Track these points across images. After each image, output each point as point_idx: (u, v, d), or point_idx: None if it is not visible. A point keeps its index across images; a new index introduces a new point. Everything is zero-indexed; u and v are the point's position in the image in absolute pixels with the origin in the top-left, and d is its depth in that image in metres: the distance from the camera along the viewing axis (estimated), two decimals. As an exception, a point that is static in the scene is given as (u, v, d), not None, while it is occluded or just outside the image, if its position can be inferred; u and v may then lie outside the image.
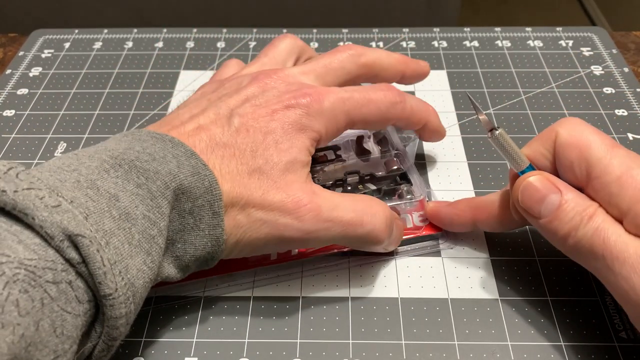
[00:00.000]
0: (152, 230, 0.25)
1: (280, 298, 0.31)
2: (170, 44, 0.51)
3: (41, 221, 0.22)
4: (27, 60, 0.50)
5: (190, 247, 0.26)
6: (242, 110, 0.29)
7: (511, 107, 0.43)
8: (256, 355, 0.29)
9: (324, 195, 0.28)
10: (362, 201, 0.29)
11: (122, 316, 0.23)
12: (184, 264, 0.27)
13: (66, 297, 0.22)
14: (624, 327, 0.29)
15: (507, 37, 0.51)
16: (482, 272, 0.32)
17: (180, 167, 0.26)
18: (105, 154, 0.26)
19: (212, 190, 0.26)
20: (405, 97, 0.33)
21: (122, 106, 0.44)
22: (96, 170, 0.25)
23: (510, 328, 0.30)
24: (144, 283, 0.24)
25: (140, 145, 0.26)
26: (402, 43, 0.50)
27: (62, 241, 0.22)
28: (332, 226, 0.28)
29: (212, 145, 0.28)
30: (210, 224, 0.26)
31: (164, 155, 0.26)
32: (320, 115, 0.30)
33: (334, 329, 0.30)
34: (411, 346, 0.29)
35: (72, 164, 0.25)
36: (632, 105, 0.43)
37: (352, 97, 0.31)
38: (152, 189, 0.25)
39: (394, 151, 0.35)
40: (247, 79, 0.32)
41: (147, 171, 0.25)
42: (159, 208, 0.25)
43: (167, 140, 0.27)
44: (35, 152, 0.41)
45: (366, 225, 0.28)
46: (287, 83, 0.31)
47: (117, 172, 0.25)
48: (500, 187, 0.37)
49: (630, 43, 0.50)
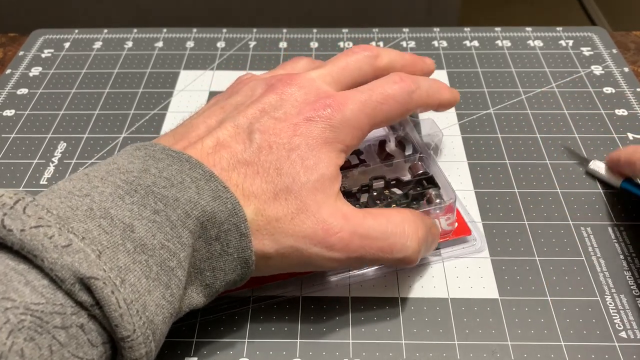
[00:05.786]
0: (171, 261, 0.23)
1: (280, 298, 0.31)
2: (170, 44, 0.51)
3: (51, 263, 0.20)
4: (27, 60, 0.50)
5: (220, 273, 0.25)
6: (262, 125, 0.28)
7: (511, 107, 0.43)
8: (256, 355, 0.29)
9: (355, 219, 0.27)
10: (395, 224, 0.28)
11: (143, 356, 0.22)
12: (214, 291, 0.26)
13: (77, 342, 0.21)
14: (624, 327, 0.29)
15: (507, 37, 0.51)
16: (482, 272, 0.32)
17: (200, 193, 0.25)
18: (119, 177, 0.24)
19: (236, 213, 0.25)
20: (419, 81, 0.32)
21: (122, 106, 0.44)
22: (110, 197, 0.23)
23: (510, 328, 0.30)
24: (164, 319, 0.23)
25: (156, 166, 0.25)
26: (402, 43, 0.50)
27: (74, 284, 0.20)
28: (364, 254, 0.27)
29: (234, 162, 0.27)
30: (239, 247, 0.25)
31: (182, 179, 0.25)
32: (343, 125, 0.28)
33: (334, 329, 0.30)
34: (411, 346, 0.29)
35: (84, 187, 0.23)
36: (632, 105, 0.43)
37: (371, 98, 0.29)
38: (172, 217, 0.24)
39: (419, 154, 0.34)
40: (262, 85, 0.30)
41: (165, 197, 0.24)
42: (179, 238, 0.23)
43: (184, 160, 0.26)
44: (35, 152, 0.41)
45: (397, 253, 0.27)
46: (304, 91, 0.29)
47: (133, 197, 0.23)
48: (501, 187, 0.37)
49: (630, 43, 0.50)
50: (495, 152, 0.40)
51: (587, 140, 0.40)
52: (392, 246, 0.27)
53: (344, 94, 0.29)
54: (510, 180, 0.37)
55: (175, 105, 0.44)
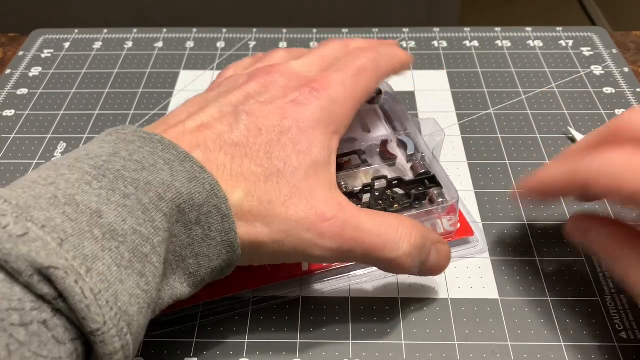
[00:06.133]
0: (145, 247, 0.22)
1: (280, 298, 0.31)
2: (170, 44, 0.51)
3: (5, 255, 0.19)
4: (27, 60, 0.50)
5: (204, 260, 0.24)
6: (249, 107, 0.27)
7: (511, 107, 0.43)
8: (256, 355, 0.29)
9: (350, 210, 0.26)
10: (389, 224, 0.27)
11: (118, 351, 0.20)
12: (199, 279, 0.25)
13: (40, 340, 0.19)
14: (624, 327, 0.29)
15: (507, 37, 0.51)
16: (482, 272, 0.32)
17: (174, 175, 0.23)
18: (87, 163, 0.23)
19: (215, 194, 0.24)
20: (377, 48, 0.32)
21: (122, 106, 0.44)
22: (76, 183, 0.22)
23: (510, 328, 0.30)
24: (140, 309, 0.21)
25: (127, 149, 0.24)
26: (402, 43, 0.50)
27: (32, 276, 0.19)
28: (355, 247, 0.26)
29: (221, 143, 0.25)
30: (222, 229, 0.24)
31: (154, 162, 0.23)
32: (332, 105, 0.28)
33: (334, 329, 0.30)
34: (411, 346, 0.29)
35: (50, 176, 0.22)
36: (632, 105, 0.43)
37: (347, 74, 0.29)
38: (144, 200, 0.22)
39: (420, 154, 0.34)
40: (244, 77, 0.30)
41: (136, 181, 0.22)
42: (152, 222, 0.22)
43: (157, 141, 0.24)
44: (35, 152, 0.41)
45: (388, 252, 0.26)
46: (286, 77, 0.29)
47: (101, 182, 0.22)
48: (501, 187, 0.37)
49: (630, 43, 0.50)
50: (495, 152, 0.40)
51: (587, 140, 0.40)
52: (384, 244, 0.26)
53: (324, 76, 0.29)
54: (510, 180, 0.37)
55: (175, 106, 0.44)
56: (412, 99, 0.44)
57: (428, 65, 0.48)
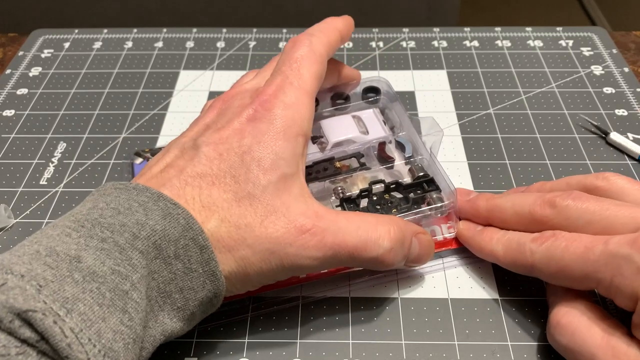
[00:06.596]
0: (124, 285, 0.22)
1: (280, 298, 0.31)
2: (170, 44, 0.51)
3: None
4: (27, 60, 0.50)
5: (190, 293, 0.25)
6: (206, 137, 0.28)
7: (511, 107, 0.43)
8: (256, 355, 0.29)
9: (327, 217, 0.27)
10: (368, 223, 0.27)
11: None
12: (189, 313, 0.25)
13: None
14: (624, 327, 0.29)
15: (507, 37, 0.51)
16: (482, 272, 0.32)
17: (148, 214, 0.24)
18: (69, 219, 0.24)
19: (190, 227, 0.24)
20: (309, 31, 0.32)
21: (122, 106, 0.44)
22: (57, 237, 0.23)
23: (510, 328, 0.30)
24: (126, 345, 0.22)
25: (104, 201, 0.25)
26: (402, 43, 0.50)
27: (12, 321, 0.20)
28: (339, 251, 0.26)
29: (185, 177, 0.26)
30: (201, 260, 0.25)
31: (129, 206, 0.24)
32: (287, 109, 0.28)
33: (334, 329, 0.30)
34: (411, 346, 0.29)
35: (36, 237, 0.23)
36: (632, 105, 0.43)
37: (288, 74, 0.29)
38: (120, 241, 0.23)
39: (419, 157, 0.34)
40: (204, 112, 0.31)
41: (112, 225, 0.23)
42: (129, 260, 0.23)
43: (131, 188, 0.25)
44: (35, 152, 0.41)
45: (370, 251, 0.27)
46: (239, 98, 0.30)
47: (79, 232, 0.23)
48: (501, 187, 0.37)
49: (630, 43, 0.50)
50: (495, 152, 0.40)
51: (587, 140, 0.40)
52: (365, 244, 0.27)
53: (269, 83, 0.29)
54: (510, 180, 0.37)
55: (175, 105, 0.44)
56: (412, 98, 0.44)
57: (428, 65, 0.48)
